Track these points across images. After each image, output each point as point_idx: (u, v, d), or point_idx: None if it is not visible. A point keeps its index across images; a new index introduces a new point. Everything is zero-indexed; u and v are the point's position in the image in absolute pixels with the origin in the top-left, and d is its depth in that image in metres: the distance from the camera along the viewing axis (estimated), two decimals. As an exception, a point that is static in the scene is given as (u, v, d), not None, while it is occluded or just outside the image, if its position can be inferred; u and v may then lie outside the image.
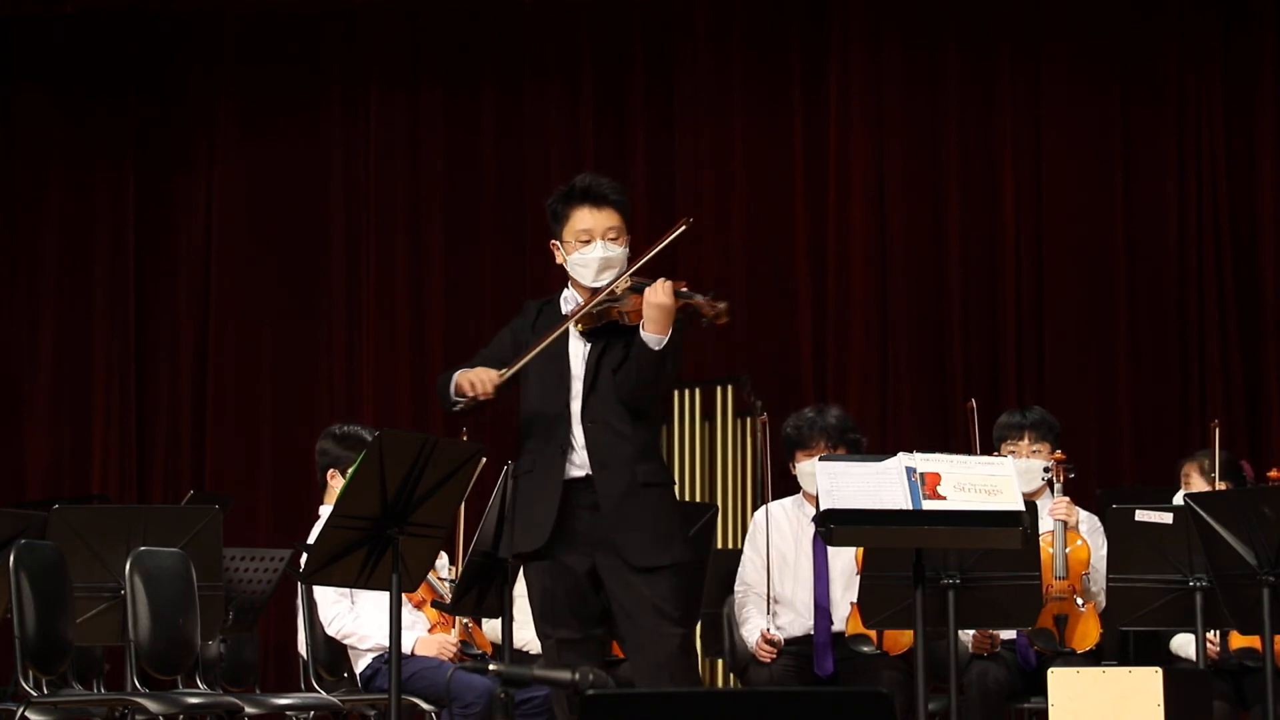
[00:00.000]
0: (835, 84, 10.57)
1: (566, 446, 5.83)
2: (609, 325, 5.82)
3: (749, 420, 10.09)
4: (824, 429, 7.25)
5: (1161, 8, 10.40)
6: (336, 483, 7.18)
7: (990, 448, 7.44)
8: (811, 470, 6.98)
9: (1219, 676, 6.99)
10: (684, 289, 5.79)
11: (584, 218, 5.92)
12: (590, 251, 5.89)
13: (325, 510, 6.89)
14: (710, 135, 10.63)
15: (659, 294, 5.73)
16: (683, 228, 5.90)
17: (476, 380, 5.91)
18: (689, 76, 10.68)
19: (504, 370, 5.88)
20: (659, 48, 10.73)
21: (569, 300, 5.99)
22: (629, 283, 5.84)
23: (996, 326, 10.36)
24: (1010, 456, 7.13)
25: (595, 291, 5.88)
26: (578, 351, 5.89)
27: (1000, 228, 10.41)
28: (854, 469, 5.83)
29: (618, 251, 5.89)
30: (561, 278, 6.10)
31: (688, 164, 10.56)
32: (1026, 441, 7.44)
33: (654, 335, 5.74)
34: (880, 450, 6.59)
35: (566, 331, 5.90)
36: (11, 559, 6.14)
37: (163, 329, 10.84)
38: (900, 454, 5.84)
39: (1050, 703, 6.22)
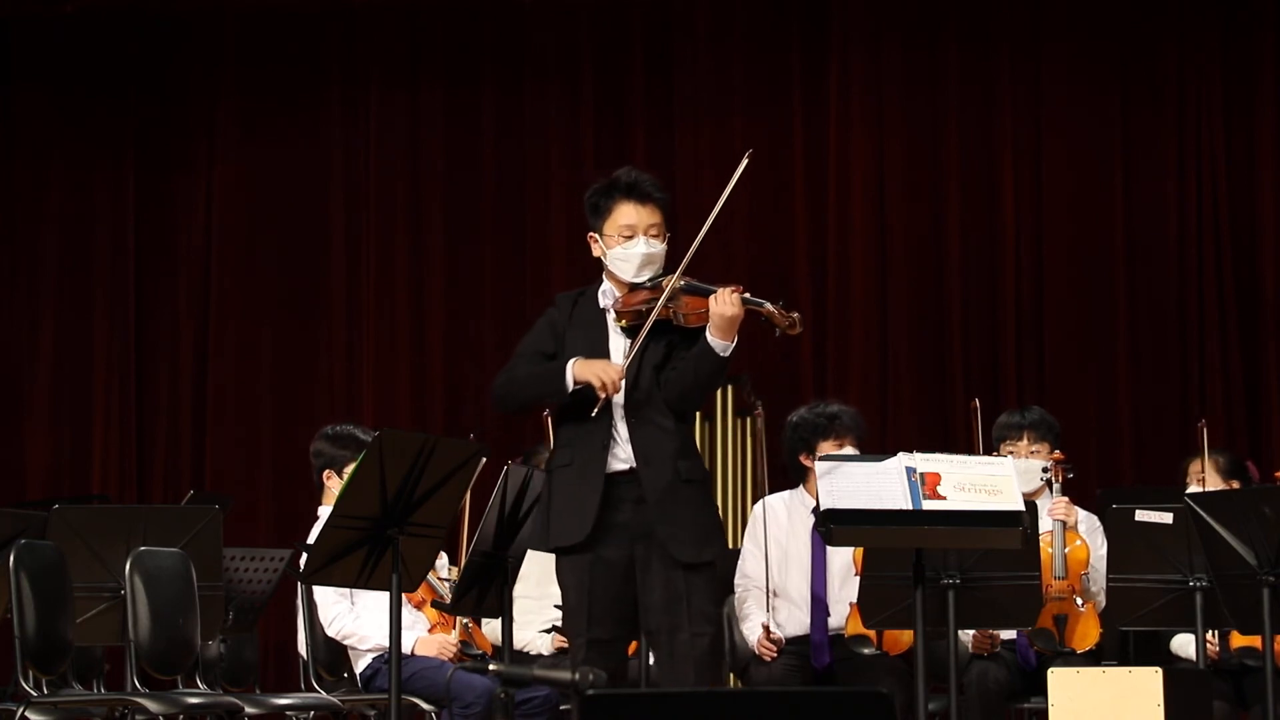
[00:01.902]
0: (835, 84, 10.57)
1: (609, 441, 5.86)
2: (655, 324, 5.84)
3: (749, 420, 10.10)
4: (848, 421, 7.29)
5: (1161, 8, 10.40)
6: (333, 483, 7.18)
7: (989, 448, 7.44)
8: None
9: (1219, 676, 7.00)
10: (750, 296, 5.84)
11: (628, 213, 5.97)
12: (633, 247, 5.94)
13: (325, 511, 6.89)
14: (710, 135, 10.63)
15: (728, 304, 5.80)
16: (745, 162, 5.96)
17: (606, 377, 5.81)
18: (689, 76, 10.67)
19: (624, 363, 5.85)
20: (659, 48, 10.73)
21: (607, 294, 6.01)
22: (680, 282, 5.87)
23: (996, 326, 10.36)
24: (1009, 456, 7.13)
25: (634, 287, 5.91)
26: (618, 347, 5.92)
27: (1000, 228, 10.40)
28: (854, 469, 5.84)
29: (659, 248, 5.96)
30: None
31: (688, 164, 10.56)
32: (1025, 441, 7.44)
33: (721, 342, 5.79)
34: (880, 450, 6.59)
35: (604, 328, 5.92)
36: (11, 559, 6.14)
37: (163, 329, 10.84)
38: (900, 454, 5.85)
39: (1050, 703, 6.22)
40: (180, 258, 10.86)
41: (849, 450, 7.24)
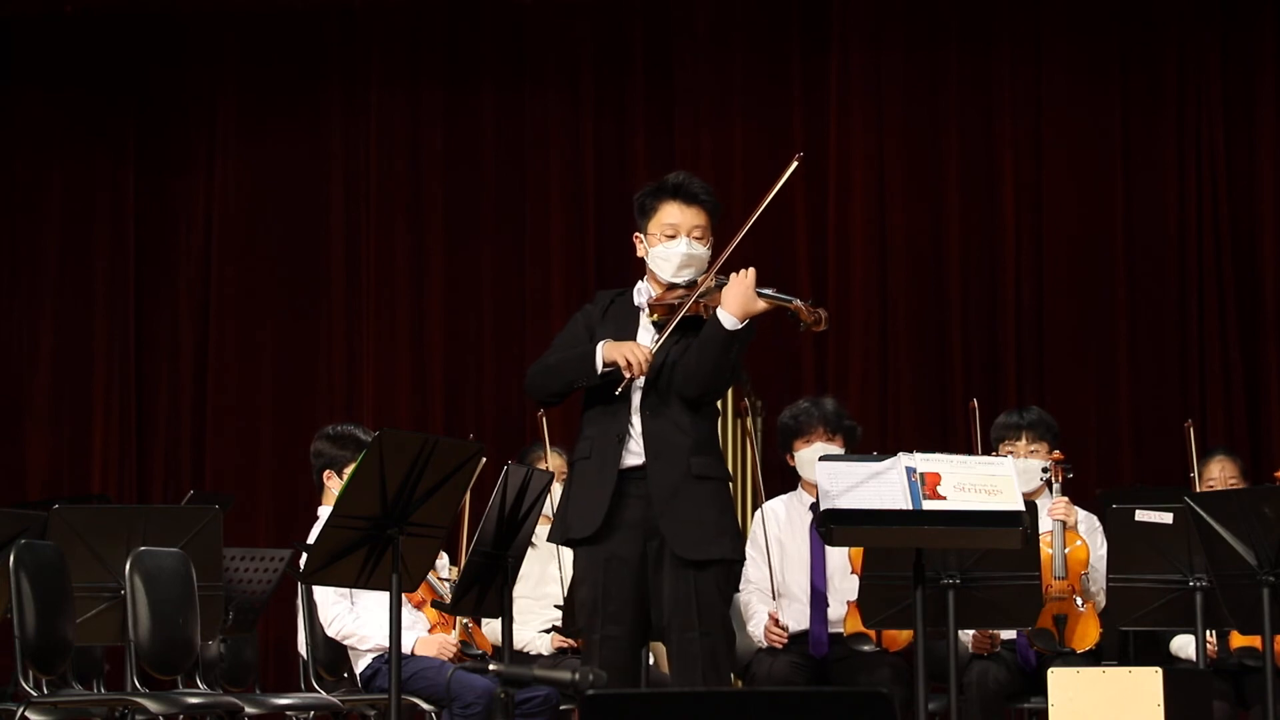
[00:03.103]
0: (835, 84, 10.57)
1: (624, 435, 5.88)
2: (684, 320, 5.85)
3: (749, 420, 10.09)
4: (821, 417, 7.31)
5: (1161, 8, 10.40)
6: (333, 483, 7.18)
7: (988, 448, 7.44)
8: (810, 458, 7.03)
9: (1219, 676, 7.00)
10: (776, 292, 5.86)
11: (672, 212, 5.99)
12: (674, 247, 5.96)
13: (325, 511, 6.89)
14: (710, 135, 10.63)
15: (739, 278, 5.84)
16: (795, 164, 5.97)
17: (633, 357, 5.84)
18: (689, 76, 10.67)
19: (652, 346, 5.87)
20: (659, 48, 10.73)
21: (643, 292, 6.03)
22: (714, 280, 5.90)
23: (996, 326, 10.36)
24: (1009, 457, 7.13)
25: (671, 286, 5.93)
26: (646, 342, 5.92)
27: (1000, 228, 10.40)
28: (854, 469, 5.83)
29: (701, 250, 5.97)
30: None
31: (688, 164, 10.52)
32: (1024, 442, 7.44)
33: (729, 316, 5.79)
34: (880, 450, 6.60)
35: (636, 324, 5.94)
36: (11, 559, 6.14)
37: (163, 329, 10.84)
38: (900, 454, 5.85)
39: (1050, 703, 6.22)
40: (180, 257, 10.87)
41: (819, 445, 7.25)
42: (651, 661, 7.16)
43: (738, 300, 5.84)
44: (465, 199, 10.76)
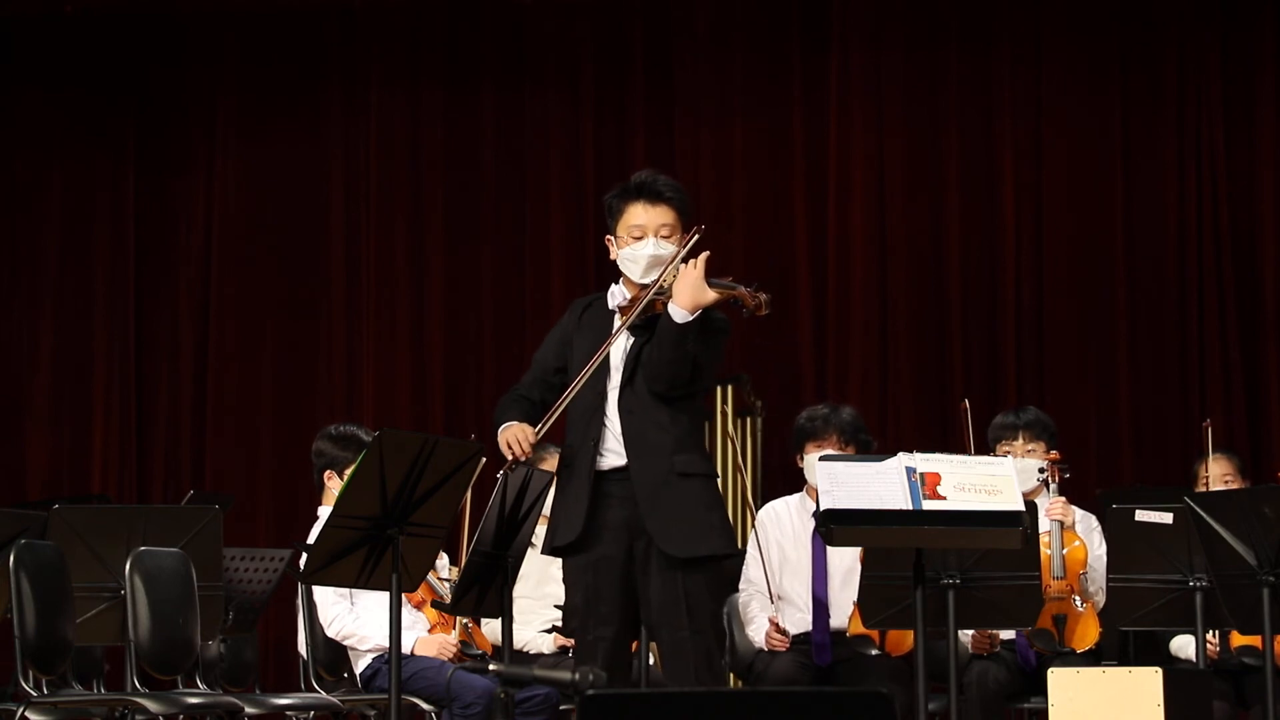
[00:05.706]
0: (835, 84, 10.57)
1: (601, 437, 5.87)
2: (652, 319, 5.85)
3: (749, 420, 10.10)
4: (838, 424, 7.30)
5: (1161, 8, 10.40)
6: (333, 483, 7.17)
7: (985, 448, 7.43)
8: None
9: (1219, 676, 7.00)
10: (720, 280, 5.85)
11: (638, 213, 5.96)
12: (641, 248, 5.93)
13: (325, 511, 6.89)
14: (710, 135, 10.63)
15: (686, 271, 5.80)
16: (695, 237, 5.93)
17: (513, 440, 5.91)
18: (689, 76, 10.67)
19: (539, 425, 5.93)
20: (659, 48, 10.73)
21: (615, 295, 6.02)
22: (673, 276, 5.88)
23: (996, 326, 10.36)
24: (1006, 457, 7.12)
25: (644, 287, 5.92)
26: (619, 344, 5.92)
27: (1000, 228, 10.41)
28: (854, 469, 5.84)
29: (669, 250, 5.92)
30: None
31: (688, 164, 10.56)
32: (1021, 441, 7.43)
33: (680, 310, 5.77)
34: (880, 450, 6.59)
35: (610, 329, 5.93)
36: (11, 559, 6.14)
37: (163, 329, 10.84)
38: (900, 454, 5.85)
39: (1050, 703, 6.22)
40: (180, 258, 10.87)
41: (831, 451, 7.23)
42: (651, 661, 7.16)
43: (687, 293, 5.80)
44: (465, 199, 10.76)
